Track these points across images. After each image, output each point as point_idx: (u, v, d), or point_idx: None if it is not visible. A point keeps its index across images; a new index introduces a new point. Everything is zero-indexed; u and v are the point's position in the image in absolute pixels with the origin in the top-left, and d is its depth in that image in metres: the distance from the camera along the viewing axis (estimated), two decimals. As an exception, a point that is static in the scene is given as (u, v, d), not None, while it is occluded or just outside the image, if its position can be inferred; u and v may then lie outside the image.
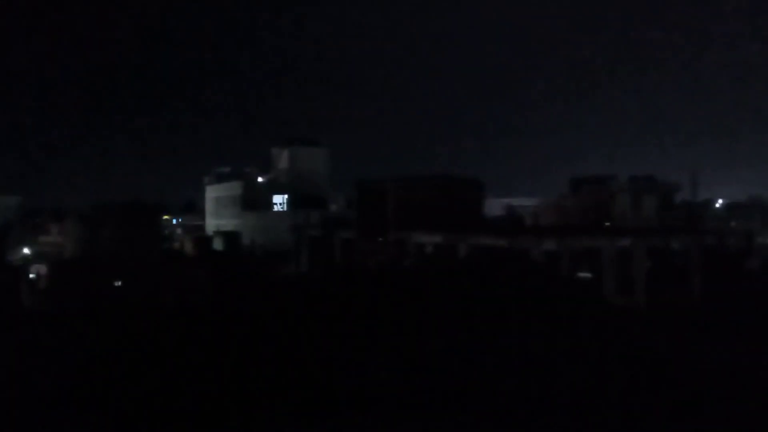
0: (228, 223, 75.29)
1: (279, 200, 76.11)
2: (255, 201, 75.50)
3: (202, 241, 67.24)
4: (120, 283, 45.63)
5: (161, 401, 11.92)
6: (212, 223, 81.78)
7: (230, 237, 65.96)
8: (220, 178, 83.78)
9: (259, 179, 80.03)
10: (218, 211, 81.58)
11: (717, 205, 77.88)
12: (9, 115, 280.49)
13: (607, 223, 51.90)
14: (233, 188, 78.26)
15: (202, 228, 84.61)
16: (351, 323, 14.53)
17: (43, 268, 53.95)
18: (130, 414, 11.49)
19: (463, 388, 12.39)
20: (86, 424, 11.00)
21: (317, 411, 11.57)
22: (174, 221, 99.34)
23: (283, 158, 78.83)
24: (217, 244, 64.79)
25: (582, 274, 32.92)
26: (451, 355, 13.81)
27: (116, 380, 12.52)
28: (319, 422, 11.21)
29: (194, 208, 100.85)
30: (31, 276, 55.24)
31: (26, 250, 72.84)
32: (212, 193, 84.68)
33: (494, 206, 65.33)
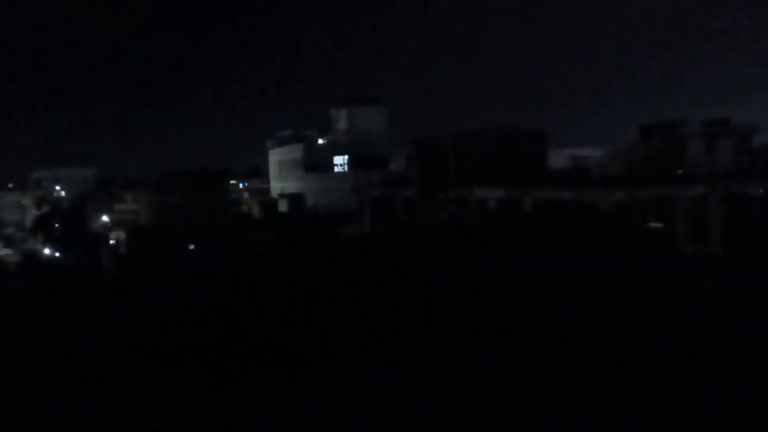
0: (291, 186, 76.62)
1: (340, 161, 76.62)
2: (316, 163, 76.27)
3: (268, 204, 68.95)
4: (193, 247, 47.65)
5: (234, 356, 12.46)
6: (276, 186, 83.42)
7: (294, 199, 67.27)
8: (282, 142, 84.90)
9: (320, 141, 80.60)
10: (281, 174, 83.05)
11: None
12: (78, 92, 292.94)
13: (680, 171, 49.66)
14: (294, 151, 79.25)
15: (267, 191, 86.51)
16: (414, 282, 14.67)
17: (121, 235, 56.88)
18: (206, 368, 12.08)
19: (532, 344, 12.33)
20: (169, 378, 11.67)
21: (384, 360, 11.82)
22: (240, 185, 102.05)
23: (341, 119, 78.91)
24: (282, 207, 66.27)
25: (653, 225, 31.81)
26: (517, 311, 13.72)
27: (194, 338, 13.19)
28: (391, 370, 11.45)
29: (258, 172, 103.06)
30: (111, 242, 58.40)
31: (105, 218, 76.85)
32: (275, 156, 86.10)
33: (559, 158, 63.44)
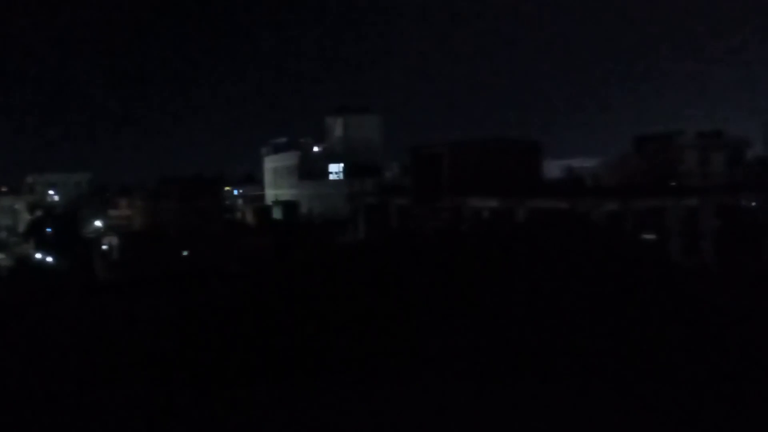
0: (286, 193, 76.67)
1: (335, 169, 76.74)
2: (311, 170, 76.41)
3: (262, 210, 68.93)
4: (186, 253, 47.55)
5: (226, 364, 12.41)
6: (271, 193, 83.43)
7: (289, 206, 67.26)
8: (277, 149, 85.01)
9: (315, 149, 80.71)
10: (276, 182, 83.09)
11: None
12: (73, 96, 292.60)
13: (673, 183, 49.95)
14: (290, 158, 79.38)
15: (261, 198, 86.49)
16: (406, 291, 14.67)
17: (114, 240, 56.66)
18: (198, 376, 12.01)
19: (525, 354, 12.32)
20: (160, 386, 11.61)
21: (376, 373, 11.78)
22: (235, 192, 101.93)
23: (336, 127, 79.13)
24: (277, 214, 66.24)
25: (646, 236, 31.95)
26: (508, 321, 13.72)
27: (186, 345, 13.13)
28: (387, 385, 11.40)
29: (253, 179, 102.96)
30: (103, 248, 58.16)
31: (98, 223, 76.56)
32: (270, 163, 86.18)
33: (553, 168, 63.75)
